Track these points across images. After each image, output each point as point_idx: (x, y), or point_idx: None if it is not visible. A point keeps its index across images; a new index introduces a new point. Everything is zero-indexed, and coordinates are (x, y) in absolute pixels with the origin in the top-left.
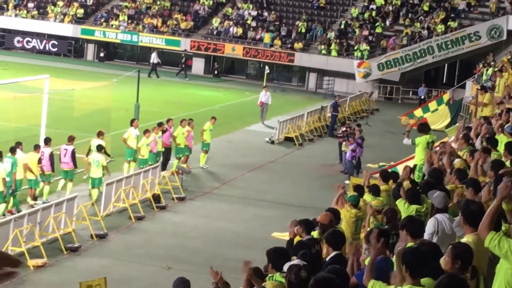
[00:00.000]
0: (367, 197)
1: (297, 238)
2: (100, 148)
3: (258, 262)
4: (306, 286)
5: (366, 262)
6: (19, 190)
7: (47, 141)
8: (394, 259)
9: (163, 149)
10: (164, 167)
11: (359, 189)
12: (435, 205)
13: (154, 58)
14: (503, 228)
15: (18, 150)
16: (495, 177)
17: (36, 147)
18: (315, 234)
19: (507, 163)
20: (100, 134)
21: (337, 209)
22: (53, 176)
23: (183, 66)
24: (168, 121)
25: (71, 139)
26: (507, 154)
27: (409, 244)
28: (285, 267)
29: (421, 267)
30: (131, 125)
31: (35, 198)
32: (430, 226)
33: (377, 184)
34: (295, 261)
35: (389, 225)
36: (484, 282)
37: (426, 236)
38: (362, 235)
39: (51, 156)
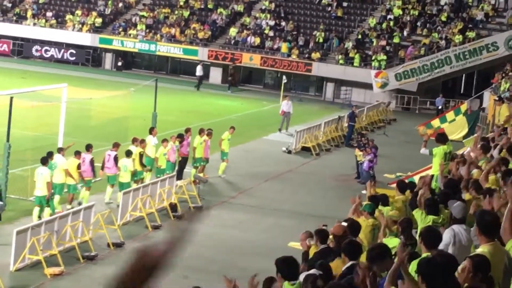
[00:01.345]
0: (380, 207)
1: (312, 249)
2: (128, 154)
3: (273, 272)
4: None
5: None
6: (61, 194)
7: (89, 147)
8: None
9: (180, 158)
10: (179, 176)
11: (374, 199)
12: (454, 215)
13: (199, 70)
14: None
15: (59, 155)
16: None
17: (77, 153)
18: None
19: None
20: (134, 141)
21: (356, 219)
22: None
23: (232, 79)
24: (187, 131)
25: (116, 145)
26: None
27: (424, 255)
28: (301, 277)
29: (437, 278)
30: (150, 133)
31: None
32: (446, 237)
33: (386, 194)
34: (311, 271)
35: (404, 235)
36: None
37: (441, 246)
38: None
39: (92, 162)
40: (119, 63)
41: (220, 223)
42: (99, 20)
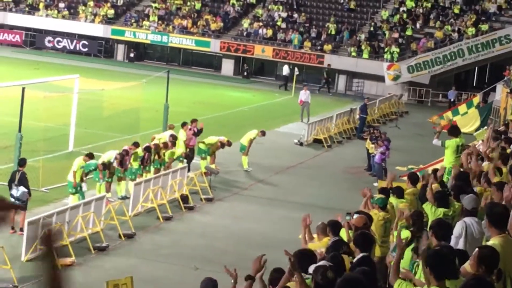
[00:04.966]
0: (392, 199)
1: (325, 240)
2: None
3: (283, 264)
4: (332, 287)
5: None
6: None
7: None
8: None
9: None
10: (188, 167)
11: (385, 191)
12: (465, 206)
13: (285, 70)
14: None
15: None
16: None
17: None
18: (343, 235)
19: None
20: (171, 127)
21: (368, 212)
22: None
23: (327, 81)
24: (192, 121)
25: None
26: None
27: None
28: (311, 269)
29: (445, 269)
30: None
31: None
32: (458, 228)
33: (401, 186)
34: (321, 262)
35: (415, 228)
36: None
37: (453, 238)
38: (391, 237)
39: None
40: (131, 55)
41: (232, 214)
42: (111, 11)
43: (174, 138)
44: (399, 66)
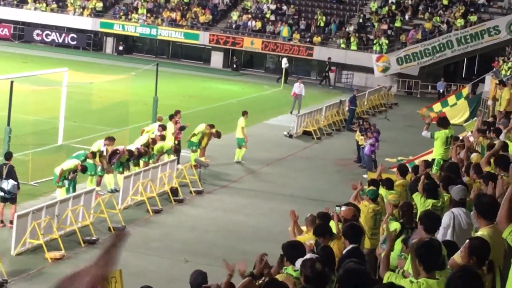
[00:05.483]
0: (381, 191)
1: (311, 233)
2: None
3: (273, 256)
4: (322, 278)
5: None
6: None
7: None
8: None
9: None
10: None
11: (375, 183)
12: (453, 197)
13: (284, 63)
14: None
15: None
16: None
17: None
18: (332, 227)
19: None
20: (159, 119)
21: (357, 204)
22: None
23: (327, 74)
24: (176, 113)
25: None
26: None
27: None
28: (297, 263)
29: (435, 260)
30: (170, 120)
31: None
32: (446, 219)
33: (391, 178)
34: (307, 255)
35: (404, 219)
36: (501, 274)
37: (441, 229)
38: (381, 230)
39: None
40: (120, 48)
41: (221, 207)
42: (100, 4)
43: (163, 128)
44: (388, 57)
